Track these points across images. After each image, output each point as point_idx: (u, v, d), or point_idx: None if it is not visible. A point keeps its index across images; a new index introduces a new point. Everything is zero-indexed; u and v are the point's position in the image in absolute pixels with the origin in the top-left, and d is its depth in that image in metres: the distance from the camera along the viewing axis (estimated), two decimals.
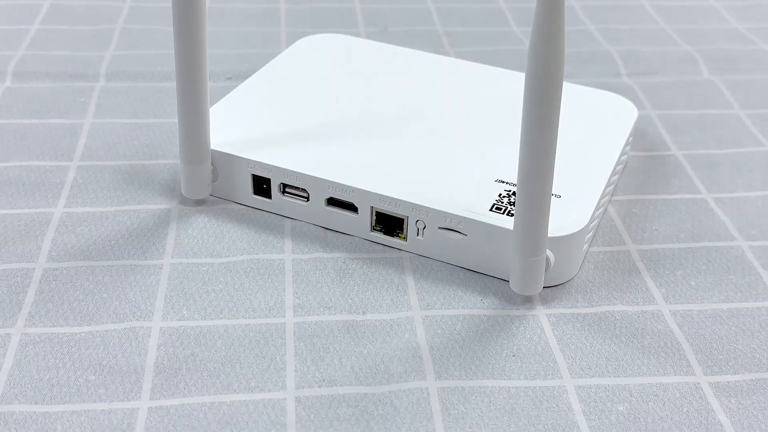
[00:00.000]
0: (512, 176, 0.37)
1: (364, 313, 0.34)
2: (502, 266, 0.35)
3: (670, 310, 0.35)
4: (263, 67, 0.46)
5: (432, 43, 0.57)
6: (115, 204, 0.39)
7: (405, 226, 0.37)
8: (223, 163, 0.39)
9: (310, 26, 0.58)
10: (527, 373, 0.32)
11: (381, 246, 0.38)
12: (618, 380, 0.31)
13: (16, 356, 0.31)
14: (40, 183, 0.40)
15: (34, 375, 0.31)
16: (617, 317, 0.34)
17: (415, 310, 0.34)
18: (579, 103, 0.43)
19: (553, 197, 0.35)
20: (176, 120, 0.37)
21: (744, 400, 0.31)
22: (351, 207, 0.37)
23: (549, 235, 0.33)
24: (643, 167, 0.44)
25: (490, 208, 0.35)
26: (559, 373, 0.32)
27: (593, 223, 0.37)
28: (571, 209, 0.35)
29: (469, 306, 0.35)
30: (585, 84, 0.47)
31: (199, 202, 0.40)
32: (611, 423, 0.30)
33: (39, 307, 0.33)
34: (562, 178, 0.37)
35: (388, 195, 0.36)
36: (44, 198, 0.39)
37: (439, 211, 0.35)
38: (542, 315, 0.34)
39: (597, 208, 0.36)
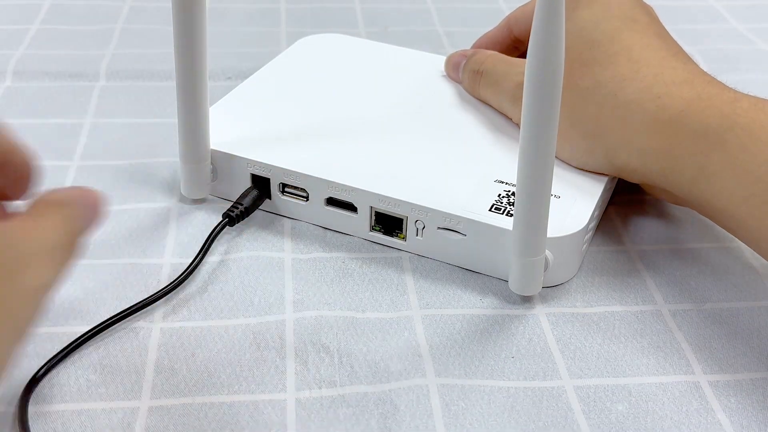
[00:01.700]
0: (511, 176, 0.37)
1: (363, 312, 0.34)
2: (502, 266, 0.35)
3: (669, 310, 0.35)
4: (263, 67, 0.46)
5: (432, 43, 0.57)
6: (115, 203, 0.39)
7: (404, 226, 0.37)
8: (223, 162, 0.39)
9: (310, 26, 0.58)
10: (526, 373, 0.32)
11: (380, 246, 0.38)
12: (617, 380, 0.31)
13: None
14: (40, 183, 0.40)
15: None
16: (616, 317, 0.34)
17: (414, 309, 0.34)
18: None
19: (552, 197, 0.35)
20: (176, 120, 0.37)
21: (744, 400, 0.31)
22: (350, 207, 0.37)
23: (548, 235, 0.33)
24: None
25: (489, 208, 0.35)
26: (559, 373, 0.32)
27: (592, 223, 0.37)
28: (570, 209, 0.35)
29: (468, 306, 0.35)
30: None
31: (199, 201, 0.40)
32: (611, 423, 0.30)
33: None
34: (561, 178, 0.37)
35: (388, 195, 0.36)
36: None
37: (439, 211, 0.35)
38: (541, 315, 0.34)
39: (596, 208, 0.36)
